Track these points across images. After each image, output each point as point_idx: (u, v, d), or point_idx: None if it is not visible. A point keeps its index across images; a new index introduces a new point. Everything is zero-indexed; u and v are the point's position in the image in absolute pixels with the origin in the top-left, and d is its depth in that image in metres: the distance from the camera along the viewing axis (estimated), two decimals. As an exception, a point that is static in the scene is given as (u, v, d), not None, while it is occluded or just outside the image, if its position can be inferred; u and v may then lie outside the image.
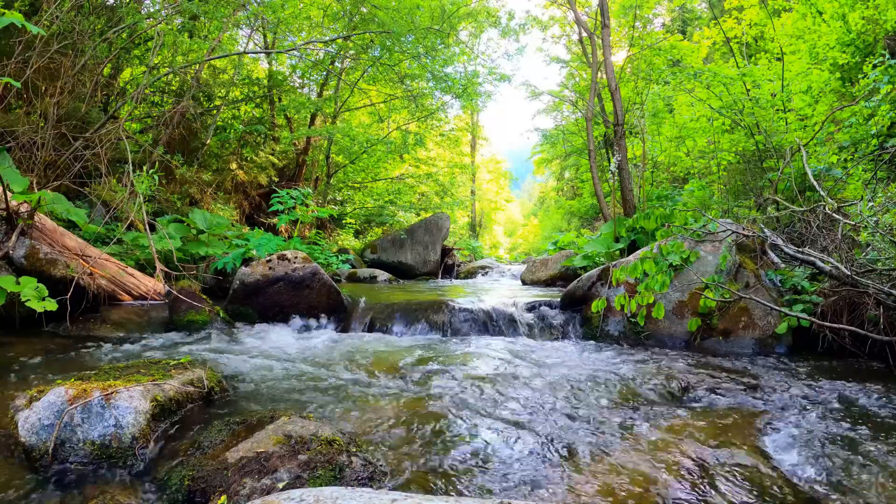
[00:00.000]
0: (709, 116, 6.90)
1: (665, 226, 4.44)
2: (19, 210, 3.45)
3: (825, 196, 3.85)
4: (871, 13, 6.01)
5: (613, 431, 1.92)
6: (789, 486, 1.54)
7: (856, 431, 1.90)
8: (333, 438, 1.62)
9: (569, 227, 19.32)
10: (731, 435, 1.87)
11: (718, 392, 2.42)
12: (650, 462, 1.65)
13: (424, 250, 10.26)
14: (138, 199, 4.40)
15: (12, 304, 2.98)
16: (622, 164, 8.06)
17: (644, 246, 4.77)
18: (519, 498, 1.47)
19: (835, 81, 6.15)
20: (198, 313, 3.84)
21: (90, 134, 5.01)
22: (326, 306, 4.34)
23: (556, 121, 19.14)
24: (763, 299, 3.37)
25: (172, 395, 1.92)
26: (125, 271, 4.14)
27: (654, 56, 10.52)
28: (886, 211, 3.18)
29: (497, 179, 30.27)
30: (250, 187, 9.89)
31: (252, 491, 1.37)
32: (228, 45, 8.26)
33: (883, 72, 4.55)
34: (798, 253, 3.39)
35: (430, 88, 10.63)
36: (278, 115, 10.82)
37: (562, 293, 4.43)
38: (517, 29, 11.35)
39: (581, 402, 2.26)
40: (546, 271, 7.35)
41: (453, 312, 4.14)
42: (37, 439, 1.60)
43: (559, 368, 2.86)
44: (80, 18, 5.35)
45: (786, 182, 4.86)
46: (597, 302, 3.83)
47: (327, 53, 10.08)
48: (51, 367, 2.56)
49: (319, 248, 7.45)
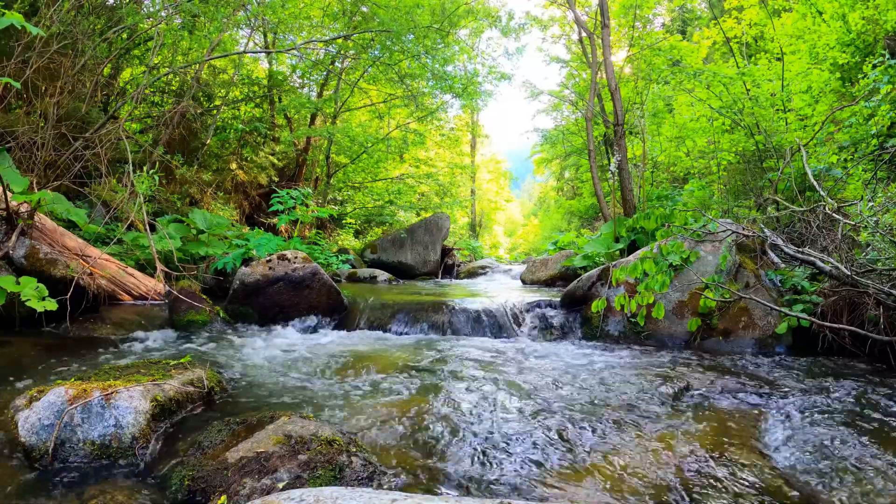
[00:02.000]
0: (709, 116, 6.90)
1: (665, 226, 4.44)
2: (19, 210, 3.45)
3: (825, 196, 3.85)
4: (871, 13, 6.01)
5: (613, 431, 1.92)
6: (789, 486, 1.54)
7: (856, 431, 1.90)
8: (333, 438, 1.62)
9: (569, 227, 19.31)
10: (731, 435, 1.87)
11: (718, 392, 2.42)
12: (650, 462, 1.65)
13: (424, 250, 10.26)
14: (138, 199, 4.40)
15: (12, 304, 2.98)
16: (622, 164, 8.06)
17: (644, 246, 4.77)
18: (519, 498, 1.47)
19: (835, 81, 6.15)
20: (198, 313, 3.84)
21: (90, 134, 5.01)
22: (326, 306, 4.34)
23: (555, 121, 19.15)
24: (763, 299, 3.37)
25: (172, 395, 1.92)
26: (125, 271, 4.14)
27: (654, 56, 10.51)
28: (886, 211, 3.18)
29: (497, 179, 30.25)
30: (250, 187, 9.89)
31: (252, 491, 1.37)
32: (228, 45, 8.26)
33: (883, 72, 4.55)
34: (798, 253, 3.39)
35: (430, 88, 10.64)
36: (278, 115, 10.82)
37: (562, 293, 4.43)
38: (517, 29, 11.34)
39: (581, 402, 2.26)
40: (546, 271, 7.35)
41: (453, 312, 4.14)
42: (37, 439, 1.60)
43: (559, 368, 2.86)
44: (79, 18, 5.35)
45: (786, 182, 4.86)
46: (597, 302, 3.83)
47: (327, 53, 10.09)
48: (51, 367, 2.56)
49: (319, 248, 7.45)
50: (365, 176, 12.62)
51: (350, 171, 12.09)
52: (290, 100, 10.19)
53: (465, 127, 23.36)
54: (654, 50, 10.52)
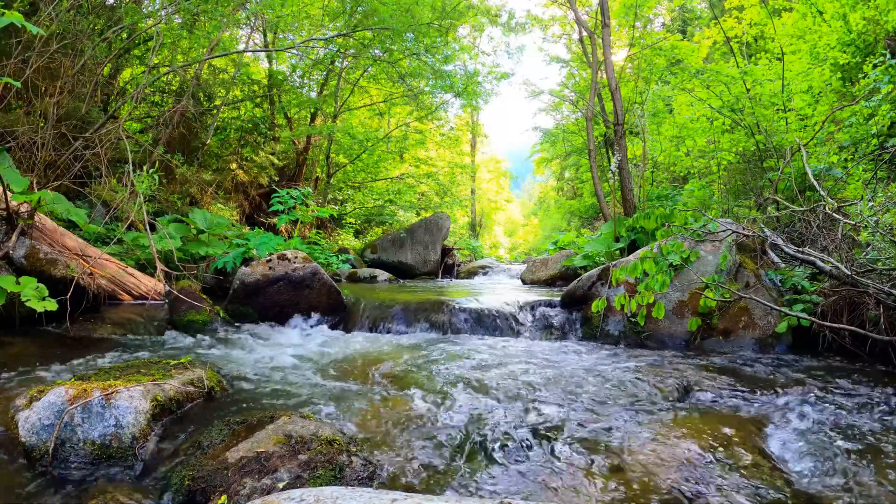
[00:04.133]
0: (709, 116, 6.89)
1: (665, 225, 4.44)
2: (19, 210, 3.45)
3: (825, 196, 3.85)
4: (872, 13, 6.00)
5: (614, 431, 1.92)
6: (789, 486, 1.54)
7: (856, 431, 1.90)
8: (333, 438, 1.62)
9: (569, 227, 19.32)
10: (732, 434, 1.87)
11: (718, 392, 2.42)
12: (650, 462, 1.65)
13: (424, 250, 10.26)
14: (138, 199, 4.39)
15: (12, 304, 2.98)
16: (622, 163, 8.06)
17: (644, 246, 4.77)
18: (519, 498, 1.47)
19: (835, 81, 6.14)
20: (198, 313, 3.84)
21: (90, 134, 5.01)
22: (326, 306, 4.34)
23: (556, 120, 19.14)
24: (763, 299, 3.37)
25: (173, 394, 1.92)
26: (125, 271, 4.14)
27: (654, 56, 10.51)
28: (886, 211, 3.18)
29: (497, 179, 30.25)
30: (250, 187, 9.89)
31: (252, 491, 1.37)
32: (228, 44, 8.26)
33: (883, 71, 4.55)
34: (798, 253, 3.39)
35: (430, 87, 10.64)
36: (278, 115, 10.82)
37: (562, 293, 4.43)
38: (518, 28, 11.34)
39: (581, 402, 2.26)
40: (546, 271, 7.35)
41: (453, 312, 4.14)
42: (37, 439, 1.60)
43: (559, 368, 2.86)
44: (79, 18, 5.35)
45: (786, 182, 4.85)
46: (597, 302, 3.82)
47: (327, 52, 10.08)
48: (51, 367, 2.56)
49: (319, 248, 7.45)
50: (365, 176, 12.63)
51: (350, 170, 12.09)
52: (290, 98, 10.20)
53: (466, 126, 23.37)
54: (655, 50, 10.52)
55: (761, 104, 5.93)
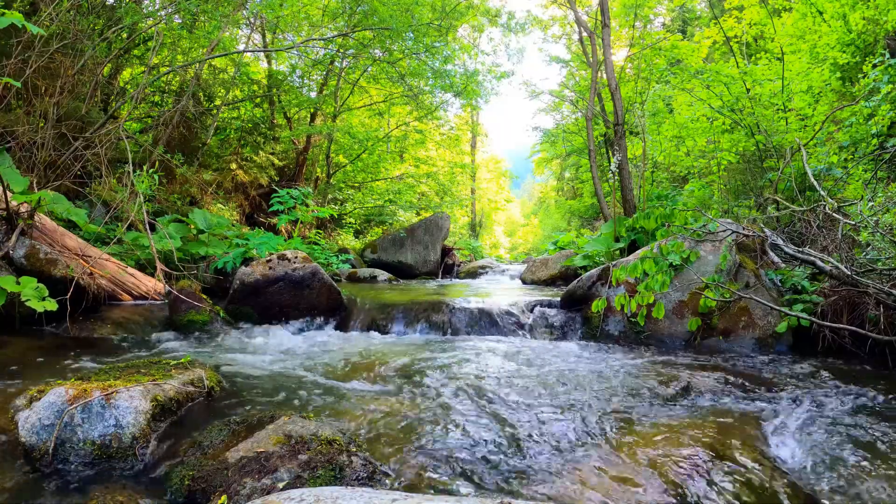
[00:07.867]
0: (709, 116, 6.90)
1: (665, 225, 4.44)
2: (19, 210, 3.45)
3: (825, 196, 3.85)
4: (872, 13, 6.00)
5: (614, 431, 1.92)
6: (789, 486, 1.54)
7: (856, 431, 1.90)
8: (333, 438, 1.62)
9: (569, 227, 19.32)
10: (732, 434, 1.86)
11: (719, 391, 2.42)
12: (650, 462, 1.65)
13: (424, 250, 10.26)
14: (138, 199, 4.39)
15: (12, 304, 2.99)
16: (622, 163, 8.06)
17: (644, 246, 4.77)
18: (519, 498, 1.47)
19: (835, 81, 6.14)
20: (198, 313, 3.84)
21: (90, 134, 5.01)
22: (326, 306, 4.34)
23: (556, 120, 19.14)
24: (763, 299, 3.37)
25: (172, 394, 1.92)
26: (125, 271, 4.14)
27: (654, 56, 10.52)
28: (886, 211, 3.18)
29: (497, 179, 30.24)
30: (250, 187, 9.89)
31: (252, 491, 1.37)
32: (228, 44, 8.26)
33: (883, 71, 4.55)
34: (798, 253, 3.39)
35: (430, 86, 10.63)
36: (278, 115, 10.82)
37: (562, 293, 4.43)
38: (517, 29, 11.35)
39: (581, 401, 2.26)
40: (546, 271, 7.35)
41: (453, 312, 4.14)
42: (37, 439, 1.60)
43: (559, 368, 2.86)
44: (79, 18, 5.35)
45: (786, 182, 4.86)
46: (597, 302, 3.82)
47: (327, 53, 10.08)
48: (51, 367, 2.56)
49: (319, 248, 7.45)
50: (365, 175, 12.62)
51: (350, 170, 12.09)
52: (289, 98, 10.19)
53: (466, 126, 23.38)
54: (655, 49, 10.52)
55: (761, 104, 5.93)
